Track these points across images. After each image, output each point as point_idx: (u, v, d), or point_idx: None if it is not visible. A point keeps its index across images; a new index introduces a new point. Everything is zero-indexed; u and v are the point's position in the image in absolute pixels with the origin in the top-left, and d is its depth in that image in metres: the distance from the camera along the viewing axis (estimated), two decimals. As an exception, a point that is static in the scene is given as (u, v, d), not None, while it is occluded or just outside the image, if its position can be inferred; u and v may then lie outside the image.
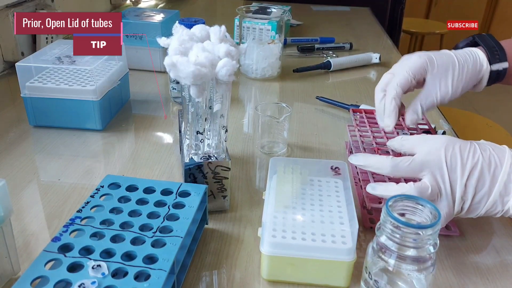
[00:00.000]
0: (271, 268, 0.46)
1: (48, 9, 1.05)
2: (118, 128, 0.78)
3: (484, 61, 0.58)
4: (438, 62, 0.57)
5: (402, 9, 2.09)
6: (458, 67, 0.57)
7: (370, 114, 0.70)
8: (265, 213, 0.48)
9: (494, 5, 3.43)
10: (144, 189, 0.51)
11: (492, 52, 0.58)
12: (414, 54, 0.58)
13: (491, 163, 0.47)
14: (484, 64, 0.58)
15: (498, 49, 0.59)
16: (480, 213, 0.49)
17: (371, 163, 0.51)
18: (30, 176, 0.64)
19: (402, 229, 0.38)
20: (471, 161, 0.47)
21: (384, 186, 0.50)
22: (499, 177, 0.46)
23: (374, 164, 0.51)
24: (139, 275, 0.40)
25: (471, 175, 0.47)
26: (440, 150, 0.48)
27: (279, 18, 1.03)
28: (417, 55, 0.58)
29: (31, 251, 0.50)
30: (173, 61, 0.48)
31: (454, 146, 0.48)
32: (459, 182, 0.47)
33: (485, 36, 0.61)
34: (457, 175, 0.47)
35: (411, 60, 0.58)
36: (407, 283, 0.41)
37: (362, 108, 0.82)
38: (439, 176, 0.47)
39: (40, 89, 0.73)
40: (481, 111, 1.88)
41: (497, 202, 0.47)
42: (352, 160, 0.54)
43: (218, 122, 0.54)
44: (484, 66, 0.58)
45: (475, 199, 0.47)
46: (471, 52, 0.58)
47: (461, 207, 0.48)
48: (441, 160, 0.47)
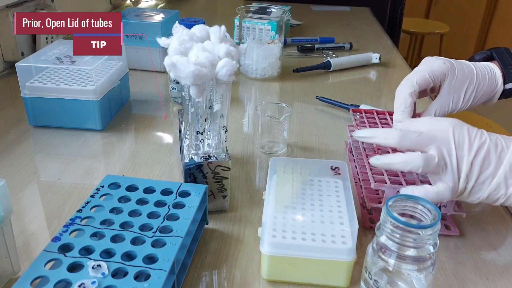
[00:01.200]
0: (271, 268, 0.46)
1: (48, 9, 1.05)
2: (118, 128, 0.78)
3: (500, 79, 0.58)
4: (459, 74, 0.57)
5: (402, 9, 2.09)
6: (476, 81, 0.57)
7: (370, 114, 0.70)
8: (265, 213, 0.48)
9: (494, 5, 3.43)
10: (144, 189, 0.51)
11: (508, 70, 0.58)
12: (438, 58, 0.58)
13: (498, 146, 0.47)
14: (499, 82, 0.58)
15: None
16: (482, 196, 0.48)
17: (378, 134, 0.51)
18: (30, 176, 0.64)
19: (402, 229, 0.38)
20: (478, 140, 0.47)
21: (389, 156, 0.50)
22: (505, 158, 0.47)
23: (381, 135, 0.51)
24: (139, 275, 0.40)
25: (478, 154, 0.47)
26: (449, 129, 0.48)
27: (279, 18, 1.03)
28: (441, 60, 0.58)
29: (31, 251, 0.50)
30: (173, 61, 0.48)
31: (463, 127, 0.49)
32: (466, 159, 0.47)
33: (502, 51, 0.60)
34: (464, 152, 0.47)
35: (435, 63, 0.57)
36: (407, 283, 0.41)
37: (362, 108, 0.82)
38: (446, 150, 0.47)
39: (40, 89, 0.73)
40: (481, 111, 1.88)
41: (501, 184, 0.47)
42: (359, 133, 0.53)
43: (218, 122, 0.54)
44: (499, 84, 0.58)
45: (480, 179, 0.47)
46: (490, 68, 0.59)
47: (465, 186, 0.48)
48: (449, 137, 0.48)
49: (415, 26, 3.10)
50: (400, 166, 0.48)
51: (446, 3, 3.49)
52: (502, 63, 0.59)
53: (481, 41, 3.55)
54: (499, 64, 0.59)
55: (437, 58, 0.58)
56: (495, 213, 0.60)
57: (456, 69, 0.57)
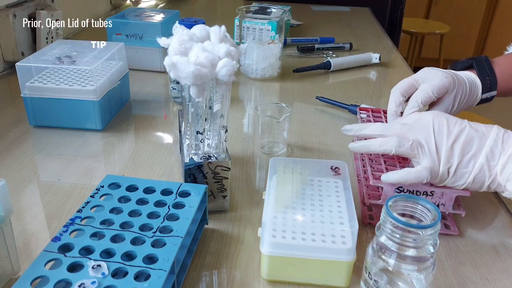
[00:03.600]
0: (271, 268, 0.46)
1: (48, 9, 1.05)
2: (118, 128, 0.78)
3: (479, 89, 0.63)
4: (458, 87, 0.60)
5: (402, 9, 2.09)
6: (467, 92, 0.62)
7: (377, 113, 0.71)
8: (265, 213, 0.48)
9: (494, 5, 3.43)
10: (144, 189, 0.51)
11: (485, 81, 0.63)
12: (440, 71, 0.61)
13: (478, 131, 0.50)
14: (479, 93, 0.63)
15: (490, 78, 0.63)
16: (468, 181, 0.50)
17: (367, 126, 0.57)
18: (30, 176, 0.64)
19: (402, 229, 0.38)
20: (458, 127, 0.51)
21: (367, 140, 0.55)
22: (486, 141, 0.50)
23: (369, 127, 0.57)
24: (139, 275, 0.40)
25: (458, 139, 0.50)
26: (429, 118, 0.52)
27: (279, 18, 1.03)
28: (443, 74, 0.60)
29: (31, 251, 0.50)
30: (173, 61, 0.48)
31: (442, 116, 0.52)
32: (445, 144, 0.50)
33: (482, 62, 0.64)
34: (443, 138, 0.51)
35: (437, 78, 0.59)
36: (407, 283, 0.41)
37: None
38: (423, 136, 0.51)
39: (40, 89, 0.73)
40: (481, 111, 1.87)
41: (484, 167, 0.49)
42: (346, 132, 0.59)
43: (218, 122, 0.54)
44: (478, 94, 0.63)
45: (463, 162, 0.50)
46: (472, 79, 0.63)
47: (448, 170, 0.50)
48: (429, 125, 0.52)
49: (415, 26, 3.10)
50: (376, 147, 0.53)
51: (446, 3, 3.49)
52: (480, 73, 0.63)
53: (481, 41, 3.55)
54: (478, 74, 0.63)
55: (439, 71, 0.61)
56: (495, 213, 0.60)
57: (456, 83, 0.60)
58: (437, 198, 0.53)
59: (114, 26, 1.01)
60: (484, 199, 0.62)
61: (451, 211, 0.54)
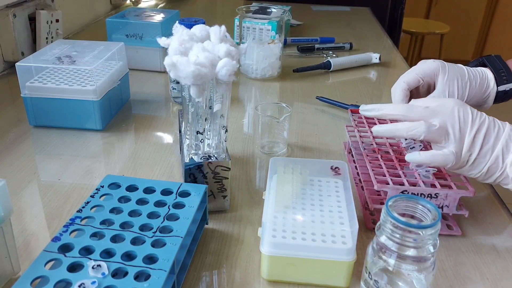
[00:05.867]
0: (271, 268, 0.46)
1: (48, 9, 1.05)
2: (118, 128, 0.78)
3: (492, 81, 0.62)
4: (450, 71, 0.61)
5: (402, 9, 2.09)
6: (467, 79, 0.61)
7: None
8: (265, 213, 0.48)
9: (494, 5, 3.43)
10: (144, 189, 0.51)
11: (499, 74, 0.62)
12: (429, 60, 0.63)
13: (495, 125, 0.52)
14: (491, 84, 0.62)
15: (505, 71, 0.63)
16: (483, 171, 0.51)
17: (385, 107, 0.54)
18: (30, 176, 0.64)
19: (402, 229, 0.38)
20: (479, 119, 0.52)
21: (392, 124, 0.53)
22: (502, 135, 0.51)
23: (388, 107, 0.54)
24: (139, 275, 0.40)
25: (479, 130, 0.51)
26: (454, 106, 0.52)
27: (279, 18, 1.03)
28: (432, 60, 0.62)
29: (31, 251, 0.50)
30: (173, 61, 0.48)
31: (466, 106, 0.53)
32: (468, 133, 0.51)
33: (493, 58, 0.65)
34: (468, 127, 0.51)
35: (425, 63, 0.62)
36: (407, 283, 0.41)
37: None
38: (450, 123, 0.51)
39: (40, 89, 0.73)
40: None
41: (499, 158, 0.51)
42: (366, 107, 0.56)
43: (218, 122, 0.54)
44: (491, 86, 0.62)
45: (482, 152, 0.51)
46: (481, 71, 0.63)
47: (468, 158, 0.51)
48: (454, 112, 0.52)
49: (415, 26, 3.10)
50: (403, 132, 0.52)
51: (446, 3, 3.49)
52: (493, 67, 0.63)
53: (481, 41, 3.55)
54: (491, 69, 0.63)
55: (428, 60, 0.63)
56: (496, 213, 0.60)
57: (446, 66, 0.61)
58: (441, 200, 0.53)
59: (114, 26, 1.01)
60: (485, 199, 0.62)
61: (454, 212, 0.54)
